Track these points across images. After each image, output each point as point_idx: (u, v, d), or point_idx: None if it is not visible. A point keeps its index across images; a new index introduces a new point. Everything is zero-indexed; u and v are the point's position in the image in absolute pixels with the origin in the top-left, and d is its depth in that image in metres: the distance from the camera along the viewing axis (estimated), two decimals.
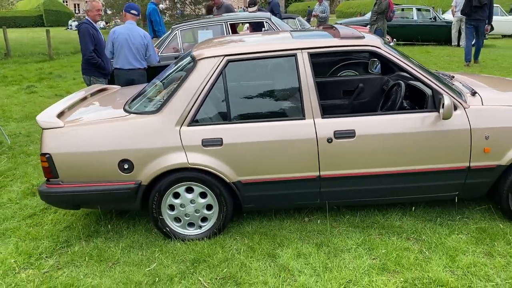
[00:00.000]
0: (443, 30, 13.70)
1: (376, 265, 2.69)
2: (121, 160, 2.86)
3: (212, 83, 2.91)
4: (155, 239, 3.11)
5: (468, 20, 9.42)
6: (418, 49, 12.74)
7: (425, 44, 13.74)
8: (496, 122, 2.85)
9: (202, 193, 2.99)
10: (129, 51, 4.86)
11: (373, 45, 2.97)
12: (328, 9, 12.97)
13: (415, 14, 14.29)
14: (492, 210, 3.23)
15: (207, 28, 6.41)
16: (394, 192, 3.01)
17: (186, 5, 24.39)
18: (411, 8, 14.78)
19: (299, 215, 3.33)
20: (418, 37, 13.49)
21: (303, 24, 11.25)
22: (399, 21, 14.09)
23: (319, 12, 12.64)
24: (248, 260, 2.80)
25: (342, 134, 2.85)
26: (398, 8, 14.93)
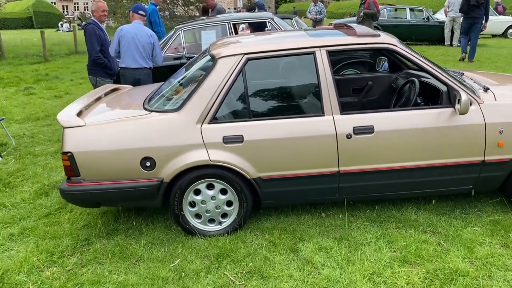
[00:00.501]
0: (436, 30, 13.90)
1: (397, 257, 2.76)
2: (144, 157, 2.89)
3: (232, 81, 2.95)
4: (176, 236, 3.15)
5: (465, 18, 9.94)
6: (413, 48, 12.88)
7: (418, 43, 13.92)
8: (509, 117, 2.94)
9: (222, 190, 3.03)
10: (136, 50, 4.88)
11: (391, 43, 3.05)
12: (324, 10, 13.07)
13: (408, 14, 14.47)
14: (504, 203, 3.32)
15: (210, 28, 6.44)
16: (411, 186, 3.08)
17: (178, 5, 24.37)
18: (404, 9, 14.95)
19: (315, 210, 3.38)
20: (412, 37, 13.65)
21: (300, 25, 11.33)
22: (392, 21, 14.28)
23: (315, 13, 12.73)
24: (271, 255, 2.85)
25: (361, 130, 2.92)
26: (391, 8, 15.12)
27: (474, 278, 2.52)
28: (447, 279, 2.52)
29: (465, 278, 2.52)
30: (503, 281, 2.49)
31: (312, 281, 2.58)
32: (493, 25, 16.17)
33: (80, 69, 11.28)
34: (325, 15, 13.06)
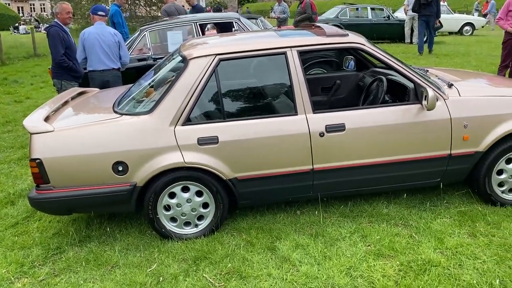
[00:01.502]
0: (397, 28, 14.30)
1: (371, 251, 2.83)
2: (115, 162, 2.84)
3: (205, 82, 2.94)
4: (151, 240, 3.10)
5: (419, 16, 10.89)
6: None
7: (380, 41, 14.26)
8: (473, 111, 3.07)
9: (198, 192, 3.01)
10: (101, 50, 4.78)
11: (359, 42, 3.12)
12: (288, 9, 13.19)
13: (369, 13, 14.81)
14: (470, 195, 3.46)
15: (176, 29, 6.37)
16: (382, 181, 3.16)
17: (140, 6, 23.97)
18: (365, 8, 15.29)
19: (290, 208, 3.42)
20: (374, 35, 13.97)
21: (266, 25, 11.36)
22: (354, 20, 14.58)
23: (279, 13, 12.83)
24: (249, 254, 2.85)
25: (333, 128, 2.97)
26: (352, 8, 15.44)
27: (446, 268, 2.62)
28: (420, 270, 2.61)
29: (437, 268, 2.61)
30: (473, 269, 2.60)
31: (291, 278, 2.61)
32: (449, 23, 16.83)
33: (41, 73, 10.91)
34: (288, 14, 13.19)
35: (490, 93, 3.29)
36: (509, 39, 6.25)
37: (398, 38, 14.31)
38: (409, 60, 10.00)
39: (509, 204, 3.26)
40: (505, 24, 6.21)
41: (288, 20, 13.26)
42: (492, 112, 3.08)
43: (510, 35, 6.21)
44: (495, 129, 3.07)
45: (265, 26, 11.29)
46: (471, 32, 17.40)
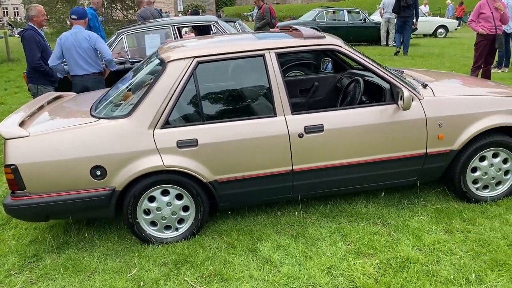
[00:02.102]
0: (373, 30, 14.53)
1: (351, 250, 2.86)
2: (93, 166, 2.80)
3: (184, 84, 2.93)
4: (131, 245, 3.07)
5: (398, 18, 11.58)
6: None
7: (357, 44, 14.46)
8: (447, 111, 3.14)
9: (178, 195, 2.99)
10: (77, 55, 4.70)
11: (336, 44, 3.16)
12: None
13: (346, 16, 15.01)
14: (446, 192, 3.53)
15: (153, 32, 6.33)
16: (361, 181, 3.20)
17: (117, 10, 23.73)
18: (342, 11, 15.48)
19: (271, 210, 3.43)
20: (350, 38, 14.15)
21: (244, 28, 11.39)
22: (331, 23, 14.75)
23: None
24: (230, 257, 2.85)
25: (312, 129, 3.00)
26: (329, 11, 15.62)
27: (424, 264, 2.67)
28: (399, 267, 2.65)
29: (416, 265, 2.66)
30: (450, 265, 2.66)
31: (272, 279, 2.62)
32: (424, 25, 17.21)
33: (15, 78, 10.67)
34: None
35: (464, 93, 3.37)
36: (481, 40, 6.44)
37: (374, 40, 14.54)
38: (385, 62, 10.17)
39: (483, 200, 3.34)
40: (476, 26, 6.39)
41: None
42: (465, 111, 3.16)
43: (482, 37, 6.39)
44: (468, 128, 3.15)
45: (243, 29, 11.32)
46: (444, 34, 17.83)
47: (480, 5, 6.38)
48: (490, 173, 3.30)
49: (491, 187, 3.37)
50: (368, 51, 12.67)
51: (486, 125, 3.16)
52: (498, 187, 3.38)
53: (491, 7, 6.28)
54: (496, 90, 3.59)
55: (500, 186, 3.38)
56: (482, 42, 6.42)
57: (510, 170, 3.34)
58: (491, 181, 3.33)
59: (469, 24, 6.59)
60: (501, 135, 3.23)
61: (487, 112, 3.19)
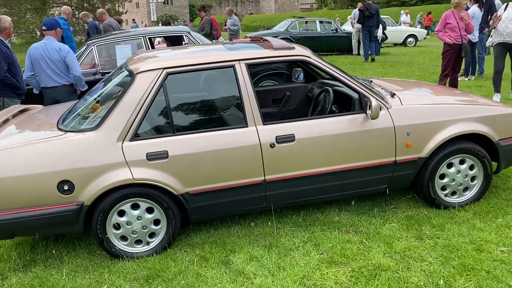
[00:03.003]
0: (344, 40, 14.78)
1: (324, 259, 2.87)
2: (61, 181, 2.73)
3: (153, 96, 2.90)
4: (101, 261, 3.00)
5: (363, 27, 12.33)
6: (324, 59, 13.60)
7: (329, 54, 14.68)
8: (415, 119, 3.21)
9: (148, 208, 2.95)
10: (46, 67, 4.60)
11: (305, 55, 3.19)
12: (239, 22, 13.40)
13: (318, 26, 15.24)
14: (416, 199, 3.60)
15: (124, 42, 6.27)
16: (333, 189, 3.22)
17: None
18: (314, 21, 15.72)
19: (244, 220, 3.42)
20: (323, 47, 14.37)
21: None
22: (304, 33, 14.95)
23: (230, 25, 13.02)
24: (203, 270, 2.82)
25: (283, 139, 3.01)
26: (301, 21, 15.83)
27: (395, 271, 2.70)
28: (371, 275, 2.67)
29: (387, 272, 2.69)
30: (420, 271, 2.70)
31: None
32: (394, 34, 17.64)
33: None
34: (239, 27, 13.38)
35: (430, 101, 3.45)
36: (448, 49, 6.62)
37: (346, 50, 14.79)
38: (356, 71, 10.36)
39: (452, 206, 3.41)
40: (443, 36, 6.57)
41: (239, 32, 13.44)
42: (432, 119, 3.23)
43: (449, 46, 6.58)
44: (435, 136, 3.22)
45: None
46: (414, 43, 18.30)
47: (446, 15, 6.57)
48: (458, 180, 3.38)
49: (459, 193, 3.44)
50: (340, 60, 12.89)
51: (453, 132, 3.24)
52: (465, 193, 3.46)
53: (456, 18, 6.48)
54: (462, 98, 3.69)
55: (468, 192, 3.46)
56: (449, 51, 6.61)
57: (477, 176, 3.42)
58: (459, 187, 3.41)
59: (436, 34, 6.77)
60: (467, 142, 3.31)
61: (453, 120, 3.27)
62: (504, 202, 3.48)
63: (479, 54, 8.94)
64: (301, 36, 14.38)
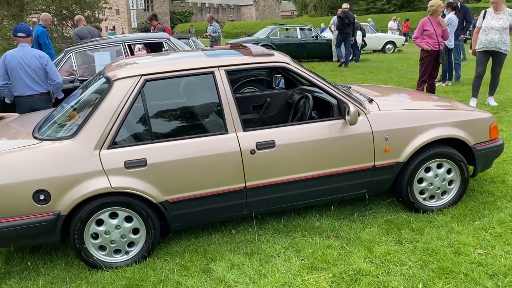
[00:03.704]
0: (325, 47, 14.92)
1: (305, 265, 2.87)
2: (36, 190, 2.68)
3: (131, 103, 2.87)
4: (79, 271, 2.93)
5: (340, 33, 12.76)
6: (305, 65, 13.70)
7: (309, 60, 14.80)
8: (392, 124, 3.25)
9: (127, 217, 2.91)
10: (25, 75, 4.50)
11: (284, 61, 3.21)
12: (219, 29, 13.45)
13: (298, 33, 15.36)
14: (395, 203, 3.63)
15: (103, 49, 6.21)
16: (313, 195, 3.24)
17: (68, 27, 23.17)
18: (295, 28, 15.84)
19: (225, 228, 3.40)
20: (304, 54, 14.48)
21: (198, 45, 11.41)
22: (284, 40, 15.05)
23: (211, 32, 13.06)
24: (183, 279, 2.78)
25: (263, 145, 3.01)
26: (282, 28, 15.94)
27: (375, 276, 2.72)
28: (351, 280, 2.68)
29: (367, 277, 2.70)
30: (400, 275, 2.72)
31: None
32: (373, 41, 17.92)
33: None
34: (220, 33, 13.43)
35: (408, 106, 3.50)
36: (426, 56, 6.74)
37: (326, 56, 14.92)
38: (336, 77, 10.46)
39: (430, 210, 3.46)
40: (421, 42, 6.69)
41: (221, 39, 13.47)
42: (409, 124, 3.28)
43: (426, 53, 6.70)
44: (413, 141, 3.27)
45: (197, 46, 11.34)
46: (393, 49, 18.61)
47: (424, 22, 6.70)
48: (436, 184, 3.43)
49: (437, 197, 3.49)
50: (320, 67, 13.00)
51: (430, 137, 3.29)
52: (443, 196, 3.51)
53: (433, 24, 6.61)
54: (439, 103, 3.75)
55: (445, 195, 3.51)
56: (427, 57, 6.73)
57: (454, 180, 3.48)
58: (437, 191, 3.46)
59: (414, 41, 6.89)
60: (444, 147, 3.37)
61: (430, 124, 3.32)
62: (481, 205, 3.54)
63: (455, 60, 9.13)
64: (282, 43, 14.48)
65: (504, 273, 2.66)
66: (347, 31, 12.47)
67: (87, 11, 23.89)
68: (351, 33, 12.62)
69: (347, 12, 12.46)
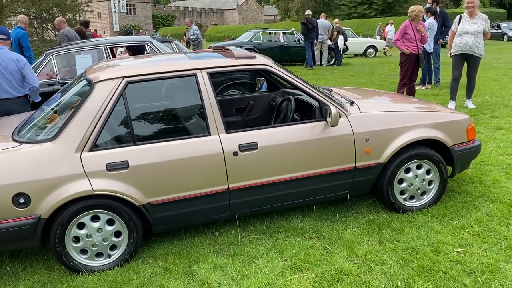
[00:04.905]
0: None
1: (288, 265, 2.89)
2: (16, 194, 2.64)
3: (112, 105, 2.86)
4: (60, 276, 2.89)
5: (306, 38, 13.61)
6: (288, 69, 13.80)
7: (292, 64, 14.90)
8: (373, 126, 3.30)
9: (109, 220, 2.88)
10: (2, 79, 4.44)
11: (266, 64, 3.24)
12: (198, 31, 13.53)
13: (281, 37, 15.45)
14: (376, 204, 3.69)
15: (85, 52, 6.15)
16: (296, 196, 3.26)
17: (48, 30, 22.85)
18: (277, 32, 15.93)
19: (209, 230, 3.40)
20: (286, 58, 14.58)
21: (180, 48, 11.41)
22: (267, 44, 15.13)
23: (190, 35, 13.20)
24: (166, 281, 2.77)
25: (246, 147, 3.03)
26: (265, 32, 16.01)
27: (357, 275, 2.75)
28: (334, 280, 2.71)
29: (349, 277, 2.73)
30: (381, 274, 2.76)
31: None
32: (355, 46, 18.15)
33: None
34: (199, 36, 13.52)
35: (388, 108, 3.56)
36: (406, 59, 6.87)
37: None
38: (319, 81, 10.56)
39: (410, 210, 3.52)
40: (401, 46, 6.82)
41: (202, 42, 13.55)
42: (389, 126, 3.34)
43: (406, 56, 6.82)
44: (393, 142, 3.32)
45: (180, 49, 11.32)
46: (374, 54, 18.87)
47: (406, 25, 6.83)
48: (415, 184, 3.49)
49: (417, 197, 3.56)
50: (302, 70, 13.11)
51: (410, 138, 3.35)
52: (423, 197, 3.58)
53: (413, 29, 6.75)
54: (419, 105, 3.83)
55: (425, 196, 3.58)
56: (406, 60, 6.85)
57: (433, 181, 3.55)
58: (417, 191, 3.52)
59: (395, 43, 7.00)
60: (423, 148, 3.43)
61: (410, 126, 3.39)
62: (459, 205, 3.62)
63: (434, 64, 9.31)
64: (265, 47, 14.55)
65: (482, 271, 2.72)
66: (311, 36, 13.44)
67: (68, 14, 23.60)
68: (315, 37, 13.64)
69: (310, 18, 13.28)
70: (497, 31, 28.81)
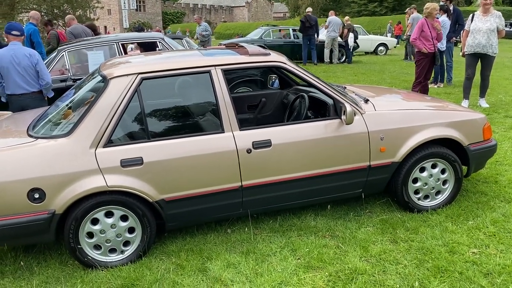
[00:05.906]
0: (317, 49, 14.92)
1: (301, 264, 2.87)
2: (31, 189, 2.65)
3: (127, 101, 2.86)
4: (73, 271, 2.91)
5: (304, 36, 13.70)
6: None
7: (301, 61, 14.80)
8: (388, 124, 3.27)
9: (123, 216, 2.89)
10: (16, 74, 4.47)
11: (280, 61, 3.21)
12: (209, 28, 13.50)
13: (291, 34, 15.38)
14: (390, 203, 3.65)
15: (97, 48, 6.17)
16: (309, 194, 3.24)
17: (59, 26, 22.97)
18: (287, 29, 15.86)
19: (221, 227, 3.39)
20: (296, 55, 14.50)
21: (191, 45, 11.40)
22: (278, 41, 15.07)
23: (202, 31, 13.13)
24: (179, 278, 2.77)
25: (260, 144, 3.01)
26: (275, 29, 15.95)
27: (371, 275, 2.73)
28: (348, 279, 2.69)
29: (363, 276, 2.71)
30: (395, 274, 2.73)
31: None
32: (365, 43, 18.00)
33: None
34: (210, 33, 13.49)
35: (403, 107, 3.52)
36: (422, 58, 6.79)
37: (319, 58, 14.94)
38: (329, 78, 10.50)
39: (425, 210, 3.48)
40: (421, 45, 6.72)
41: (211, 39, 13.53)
42: (404, 124, 3.30)
43: (423, 55, 6.74)
44: (408, 141, 3.29)
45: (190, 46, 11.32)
46: (385, 51, 18.72)
47: (422, 23, 6.74)
48: (430, 183, 3.45)
49: (432, 196, 3.52)
50: (313, 68, 13.04)
51: (425, 137, 3.31)
52: (437, 196, 3.53)
53: (429, 27, 6.66)
54: (433, 104, 3.78)
55: (440, 195, 3.54)
56: (423, 59, 6.77)
57: (448, 180, 3.50)
58: (431, 190, 3.48)
59: (413, 42, 6.89)
60: (438, 147, 3.39)
61: (425, 125, 3.34)
62: (474, 205, 3.58)
63: (447, 62, 9.21)
64: (275, 44, 14.49)
65: (499, 272, 2.69)
66: (310, 33, 13.54)
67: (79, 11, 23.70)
68: (314, 34, 13.70)
69: (308, 16, 13.41)
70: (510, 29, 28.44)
